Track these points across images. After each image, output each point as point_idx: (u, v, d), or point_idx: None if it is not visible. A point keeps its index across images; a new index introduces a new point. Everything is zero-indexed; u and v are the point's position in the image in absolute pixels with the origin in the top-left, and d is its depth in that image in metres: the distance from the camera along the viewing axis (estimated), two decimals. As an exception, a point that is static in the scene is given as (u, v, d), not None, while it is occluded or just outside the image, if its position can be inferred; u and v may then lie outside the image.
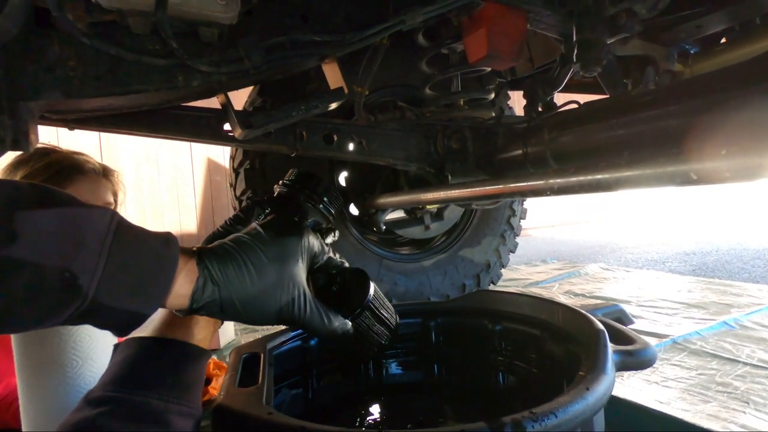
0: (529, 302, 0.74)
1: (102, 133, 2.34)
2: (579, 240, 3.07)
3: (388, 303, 0.49)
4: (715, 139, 0.35)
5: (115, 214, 0.32)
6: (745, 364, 0.83)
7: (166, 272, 0.34)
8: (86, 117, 0.57)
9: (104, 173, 0.78)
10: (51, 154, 0.71)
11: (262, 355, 0.54)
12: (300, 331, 0.62)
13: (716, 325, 1.05)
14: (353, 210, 1.19)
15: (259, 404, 0.44)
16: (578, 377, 0.46)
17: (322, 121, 0.74)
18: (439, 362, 0.84)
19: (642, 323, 1.12)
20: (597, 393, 0.43)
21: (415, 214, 1.15)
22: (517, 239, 1.37)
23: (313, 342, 0.66)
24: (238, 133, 0.56)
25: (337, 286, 0.46)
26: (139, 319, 0.33)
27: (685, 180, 0.37)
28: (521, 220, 1.37)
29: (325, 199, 0.58)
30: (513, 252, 1.36)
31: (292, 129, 0.70)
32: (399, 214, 1.16)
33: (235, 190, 1.03)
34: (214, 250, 0.37)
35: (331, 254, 0.45)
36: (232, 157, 1.04)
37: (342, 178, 1.19)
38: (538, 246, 2.83)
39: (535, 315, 0.72)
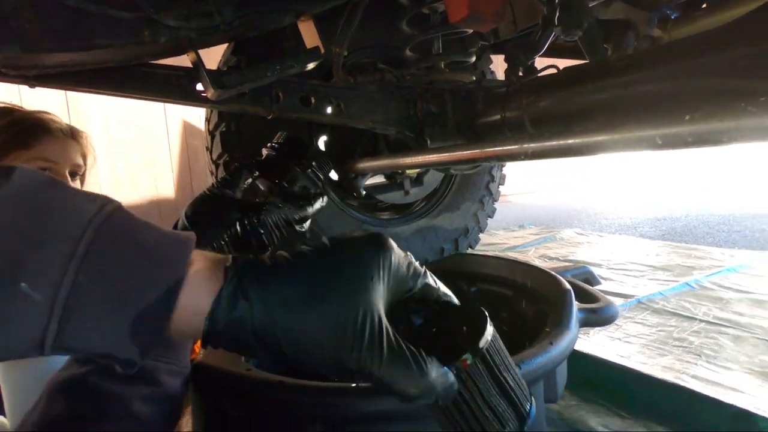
0: (503, 264, 0.77)
1: (68, 94, 2.23)
2: (556, 206, 3.13)
3: (513, 365, 0.31)
4: (680, 105, 0.36)
5: (107, 203, 0.24)
6: (701, 321, 0.89)
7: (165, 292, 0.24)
8: (48, 74, 0.54)
9: (72, 134, 0.75)
10: (13, 112, 0.68)
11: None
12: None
13: (678, 286, 1.10)
14: (333, 175, 1.18)
15: (238, 361, 0.46)
16: (543, 333, 0.48)
17: (298, 83, 0.72)
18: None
19: (610, 285, 1.17)
20: (560, 347, 0.45)
21: (395, 179, 1.15)
22: (496, 205, 1.39)
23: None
24: (210, 93, 0.54)
25: (436, 326, 0.31)
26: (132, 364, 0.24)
27: (651, 144, 0.38)
28: (500, 186, 1.39)
29: (314, 164, 0.58)
30: (491, 217, 1.39)
31: (268, 90, 0.68)
32: (379, 179, 1.16)
33: (211, 153, 1.01)
34: (251, 258, 0.27)
35: (432, 280, 0.30)
36: (208, 120, 1.01)
37: (321, 142, 1.17)
38: (517, 212, 2.88)
39: (508, 276, 0.74)
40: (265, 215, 0.47)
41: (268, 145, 0.53)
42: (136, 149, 2.53)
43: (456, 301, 0.32)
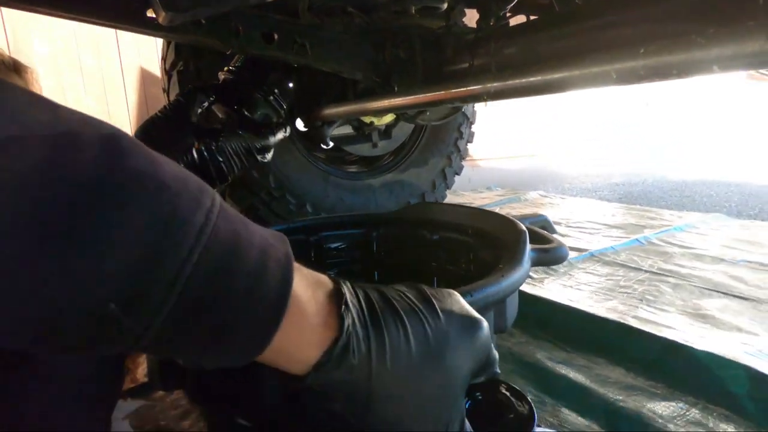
0: (465, 212, 0.78)
1: (10, 33, 2.04)
2: (523, 171, 3.20)
3: None
4: (635, 41, 0.37)
5: (214, 198, 0.20)
6: (646, 271, 0.95)
7: (262, 318, 0.21)
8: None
9: (15, 68, 0.69)
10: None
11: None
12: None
13: (629, 242, 1.17)
14: (299, 125, 1.15)
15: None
16: (497, 269, 0.50)
17: (261, 16, 0.68)
18: (379, 270, 0.88)
19: (567, 240, 1.23)
20: (510, 279, 0.47)
21: (362, 130, 1.14)
22: (466, 169, 1.41)
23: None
24: (161, 16, 0.51)
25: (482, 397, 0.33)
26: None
27: (607, 80, 0.39)
28: (468, 144, 1.40)
29: (276, 91, 0.55)
30: (458, 174, 1.41)
31: (227, 22, 0.65)
32: (346, 130, 1.14)
33: (168, 95, 0.96)
34: (365, 294, 0.24)
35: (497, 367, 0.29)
36: (164, 58, 0.95)
37: (288, 90, 1.14)
38: (485, 175, 2.93)
39: (469, 224, 0.76)
40: (224, 142, 0.45)
41: (225, 68, 0.50)
42: (90, 94, 2.37)
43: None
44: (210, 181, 0.48)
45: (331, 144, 1.15)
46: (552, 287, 0.87)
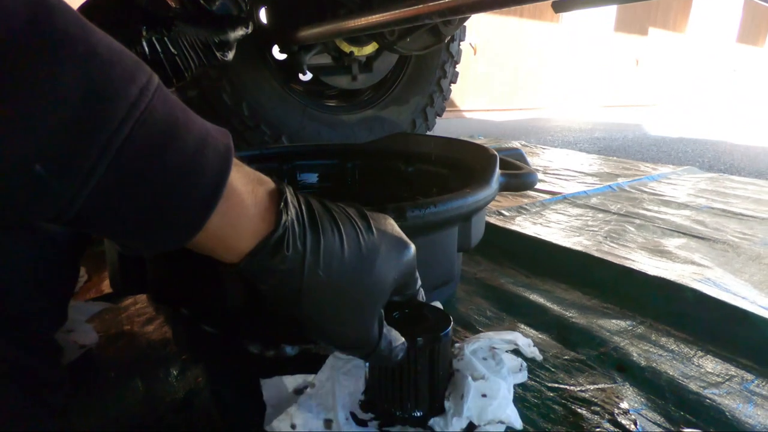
0: (440, 143, 0.77)
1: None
2: (508, 123, 3.18)
3: (448, 371, 0.38)
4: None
5: (152, 77, 0.20)
6: (614, 213, 0.97)
7: (195, 198, 0.20)
8: None
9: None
10: None
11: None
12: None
13: (601, 188, 1.19)
14: (276, 52, 1.10)
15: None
16: (464, 190, 0.50)
17: None
18: (353, 201, 0.87)
19: (543, 185, 1.24)
20: (476, 196, 0.48)
21: (342, 61, 1.09)
22: (451, 119, 1.38)
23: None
24: None
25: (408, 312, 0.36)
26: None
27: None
28: (451, 84, 1.37)
29: None
30: (440, 116, 1.38)
31: None
32: (325, 59, 1.10)
33: None
34: (305, 197, 0.26)
35: (421, 294, 0.35)
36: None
37: (262, 13, 1.07)
38: (470, 125, 2.90)
39: (444, 155, 0.76)
40: (178, 33, 0.42)
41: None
42: None
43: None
44: (165, 79, 0.45)
45: (309, 73, 1.11)
46: (522, 223, 0.89)
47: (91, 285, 0.59)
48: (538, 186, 1.23)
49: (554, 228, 0.87)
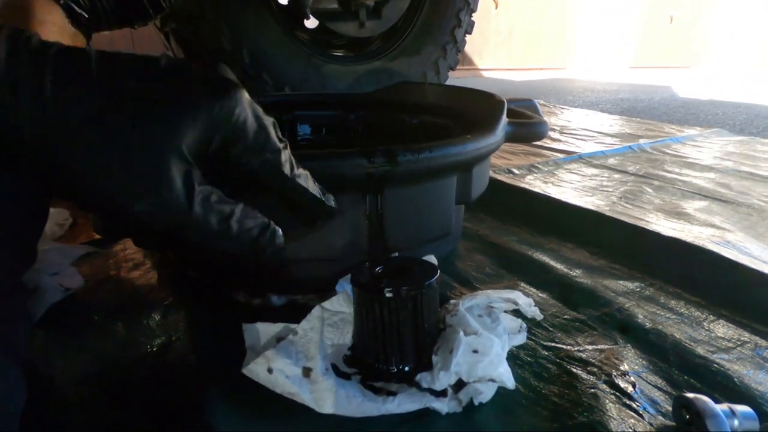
0: (448, 92, 0.73)
1: None
2: (528, 83, 3.05)
3: (436, 326, 0.36)
4: None
5: None
6: (632, 174, 0.92)
7: None
8: None
9: None
10: None
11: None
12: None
13: (621, 148, 1.13)
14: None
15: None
16: (465, 136, 0.46)
17: None
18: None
19: (558, 144, 1.18)
20: (478, 143, 0.44)
21: (349, 6, 1.02)
22: (468, 76, 1.30)
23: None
24: None
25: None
26: None
27: None
28: (466, 35, 1.28)
29: None
30: (453, 69, 1.31)
31: None
32: (331, 4, 1.03)
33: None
34: (31, 35, 0.21)
35: (286, 166, 0.28)
36: None
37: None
38: (487, 84, 2.79)
39: (450, 105, 0.71)
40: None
41: None
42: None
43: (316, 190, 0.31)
44: (143, 11, 0.42)
45: (314, 20, 1.04)
46: (533, 182, 0.85)
47: (81, 230, 0.58)
48: (553, 145, 1.18)
49: (566, 188, 0.83)
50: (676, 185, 0.86)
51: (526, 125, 0.53)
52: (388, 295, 0.32)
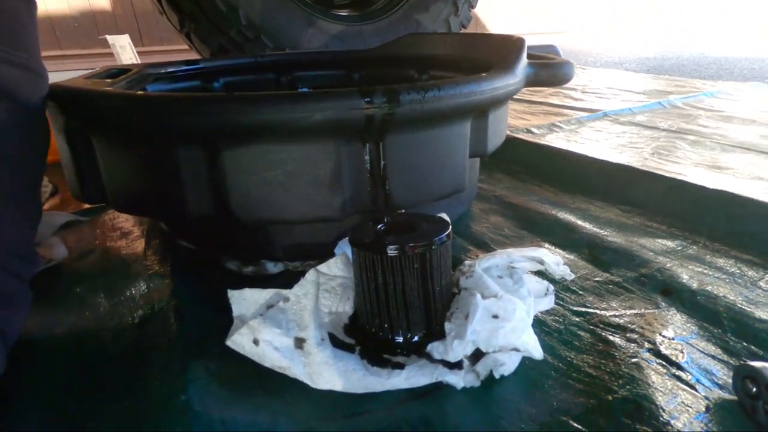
0: (459, 41, 0.66)
1: None
2: (544, 44, 2.89)
3: (448, 287, 0.32)
4: None
5: None
6: (663, 130, 0.84)
7: None
8: None
9: None
10: None
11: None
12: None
13: (649, 105, 1.04)
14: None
15: (100, 82, 0.38)
16: (479, 74, 0.40)
17: None
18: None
19: (581, 104, 1.10)
20: (494, 82, 0.38)
21: (351, -43, 0.95)
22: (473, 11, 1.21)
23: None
24: None
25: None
26: None
27: None
28: (479, -11, 1.19)
29: None
30: (465, 27, 1.22)
31: None
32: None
33: None
34: None
35: None
36: None
37: None
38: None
39: (464, 56, 0.64)
40: None
41: None
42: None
43: None
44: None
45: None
46: (554, 141, 0.78)
47: (67, 199, 0.54)
48: (575, 104, 1.10)
49: (591, 146, 0.76)
50: (713, 139, 0.78)
51: (550, 66, 0.46)
52: (392, 253, 0.28)
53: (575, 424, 0.25)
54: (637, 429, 0.24)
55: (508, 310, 0.28)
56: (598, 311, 0.34)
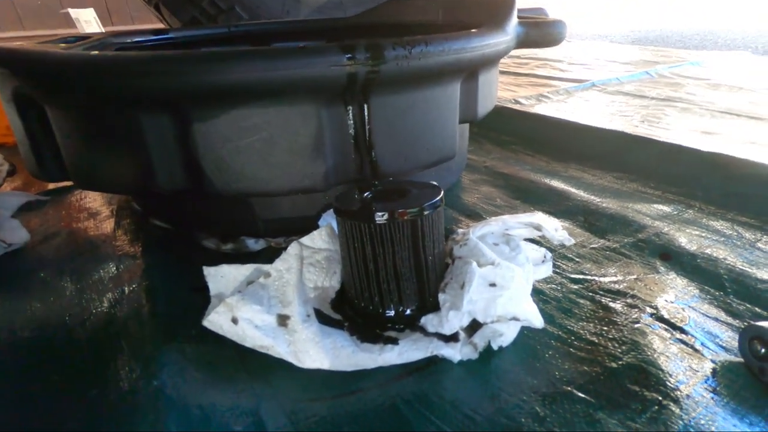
0: (444, 4, 0.62)
1: None
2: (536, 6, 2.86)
3: (442, 257, 0.31)
4: None
5: None
6: (652, 99, 0.83)
7: None
8: None
9: None
10: None
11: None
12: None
13: (636, 74, 1.03)
14: None
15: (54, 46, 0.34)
16: (469, 30, 0.38)
17: None
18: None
19: (567, 74, 1.08)
20: (484, 39, 0.35)
21: None
22: None
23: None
24: None
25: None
26: None
27: None
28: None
29: None
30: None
31: None
32: None
33: None
34: None
35: None
36: None
37: None
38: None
39: (449, 20, 0.61)
40: None
41: None
42: None
43: None
44: None
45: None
46: (543, 109, 0.76)
47: (30, 181, 0.51)
48: (562, 75, 1.08)
49: (580, 115, 0.74)
50: (702, 107, 0.77)
51: (541, 25, 0.44)
52: (381, 221, 0.26)
53: (580, 394, 0.23)
54: (645, 395, 0.23)
55: (506, 277, 0.26)
56: (596, 278, 0.33)
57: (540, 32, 0.44)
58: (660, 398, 0.23)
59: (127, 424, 0.22)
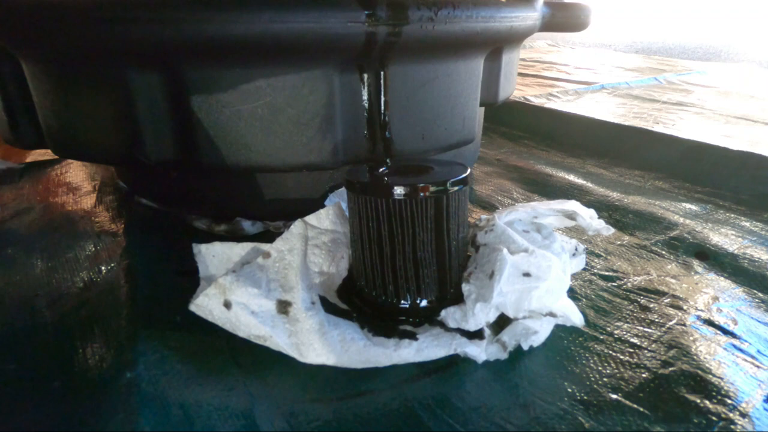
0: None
1: None
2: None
3: (465, 241, 0.28)
4: None
5: None
6: (664, 103, 0.81)
7: None
8: None
9: None
10: None
11: None
12: None
13: (645, 80, 1.01)
14: None
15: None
16: None
17: None
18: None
19: (574, 76, 1.06)
20: (513, 10, 0.32)
21: None
22: None
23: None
24: None
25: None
26: None
27: None
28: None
29: None
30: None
31: None
32: None
33: None
34: None
35: None
36: None
37: None
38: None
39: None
40: None
41: None
42: None
43: None
44: None
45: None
46: (557, 105, 0.74)
47: (10, 151, 0.47)
48: (568, 77, 1.06)
49: (594, 113, 0.72)
50: (716, 112, 0.75)
51: (567, 7, 0.41)
52: (400, 196, 0.22)
53: (629, 403, 0.20)
54: (708, 407, 0.20)
55: (542, 267, 0.23)
56: (629, 276, 0.30)
57: (566, 14, 0.41)
58: (725, 411, 0.19)
59: (91, 422, 0.18)
